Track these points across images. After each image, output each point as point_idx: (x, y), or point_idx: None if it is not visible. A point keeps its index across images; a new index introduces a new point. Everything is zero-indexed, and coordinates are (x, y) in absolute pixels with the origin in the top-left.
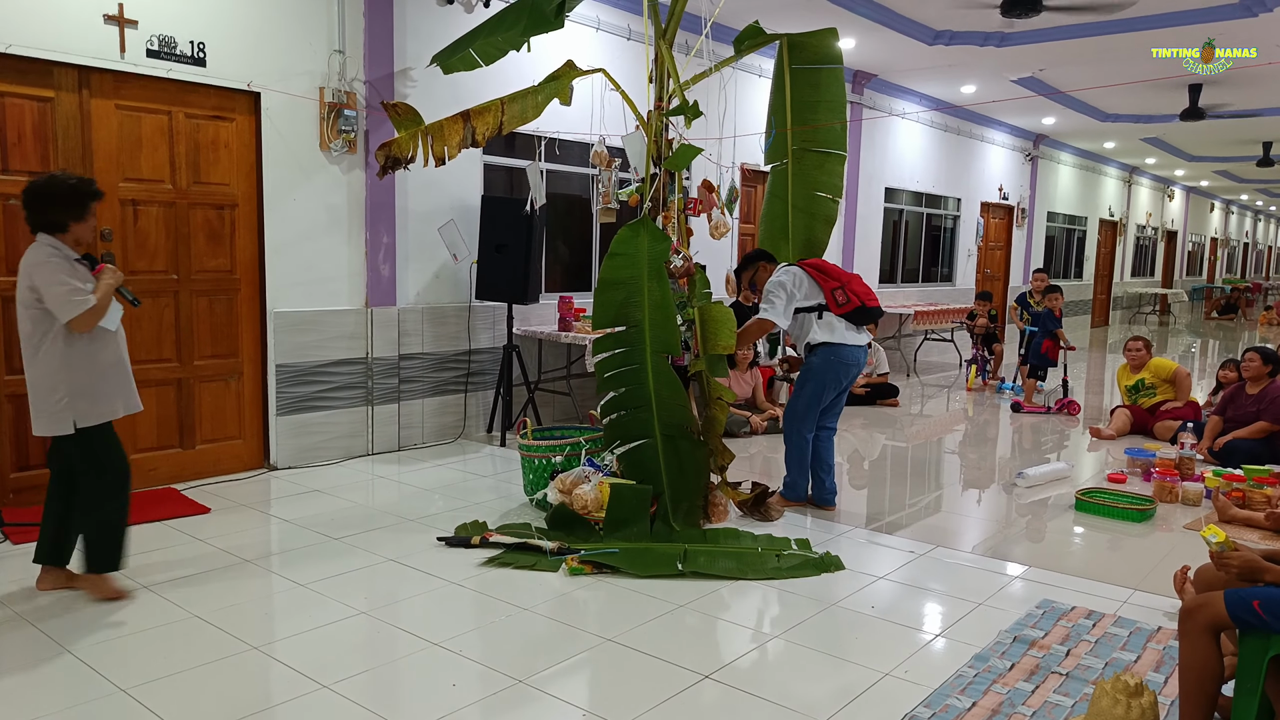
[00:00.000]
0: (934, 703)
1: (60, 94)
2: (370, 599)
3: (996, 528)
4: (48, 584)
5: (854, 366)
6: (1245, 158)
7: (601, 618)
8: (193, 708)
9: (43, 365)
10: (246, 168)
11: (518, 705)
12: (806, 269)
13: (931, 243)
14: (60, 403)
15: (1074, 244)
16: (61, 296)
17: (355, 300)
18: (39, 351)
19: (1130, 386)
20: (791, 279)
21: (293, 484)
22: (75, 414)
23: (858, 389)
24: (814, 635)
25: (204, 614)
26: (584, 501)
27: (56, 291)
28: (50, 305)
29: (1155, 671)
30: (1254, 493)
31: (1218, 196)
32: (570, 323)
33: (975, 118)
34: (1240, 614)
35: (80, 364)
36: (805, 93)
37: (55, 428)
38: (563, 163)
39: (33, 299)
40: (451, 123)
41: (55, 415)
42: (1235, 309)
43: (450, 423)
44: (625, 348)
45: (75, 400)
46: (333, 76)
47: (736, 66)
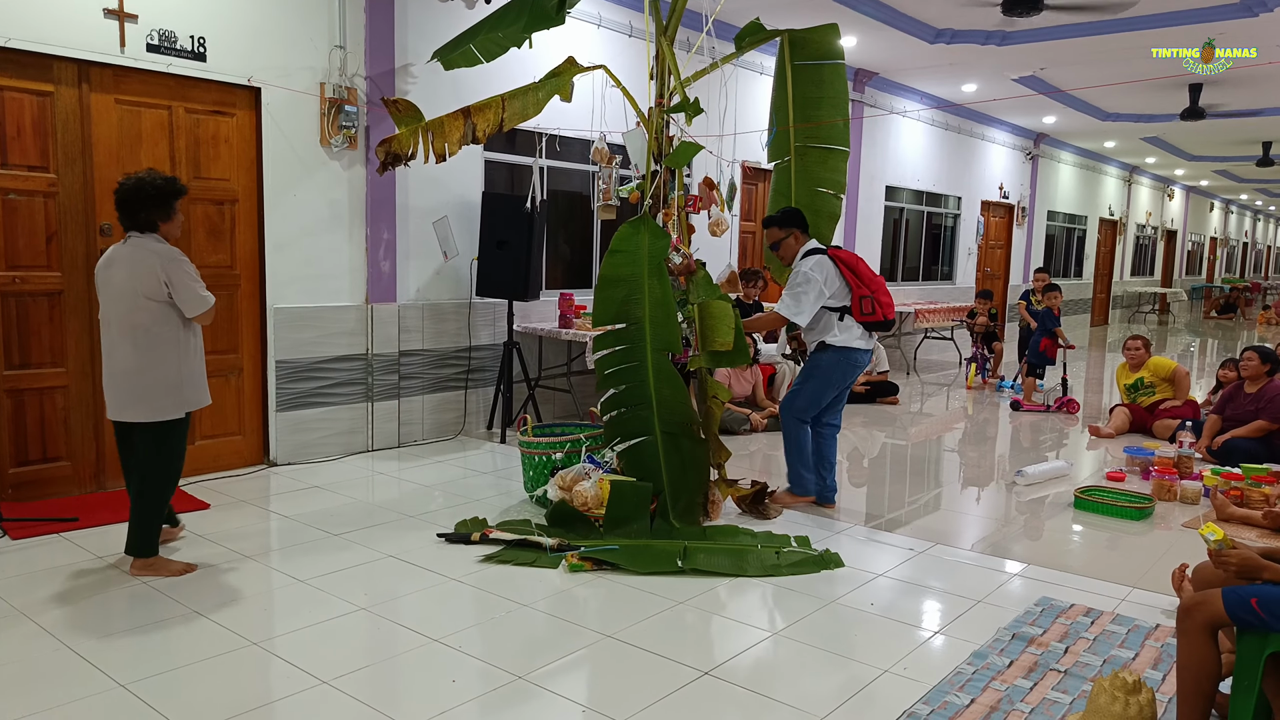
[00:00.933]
0: (933, 699)
1: (60, 88)
2: (370, 595)
3: (996, 526)
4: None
5: (860, 369)
6: (1245, 157)
7: (601, 614)
8: (192, 703)
9: (164, 355)
10: (247, 163)
11: (517, 702)
12: (839, 265)
13: (932, 241)
14: (177, 390)
15: (1074, 243)
16: (194, 293)
17: (356, 296)
18: (159, 342)
19: (1129, 385)
20: (824, 276)
21: (292, 480)
22: (186, 401)
23: (858, 387)
24: (813, 632)
25: (203, 609)
26: (584, 498)
27: (190, 288)
28: (181, 299)
29: (1153, 669)
30: (1252, 491)
31: (1217, 196)
32: (571, 320)
33: (976, 116)
34: (1238, 612)
35: (193, 354)
36: (807, 89)
37: (165, 413)
38: (563, 159)
39: (165, 293)
40: (452, 119)
41: (171, 401)
42: (1234, 308)
43: (450, 419)
44: (626, 345)
45: (188, 388)
46: (334, 72)
47: (737, 64)
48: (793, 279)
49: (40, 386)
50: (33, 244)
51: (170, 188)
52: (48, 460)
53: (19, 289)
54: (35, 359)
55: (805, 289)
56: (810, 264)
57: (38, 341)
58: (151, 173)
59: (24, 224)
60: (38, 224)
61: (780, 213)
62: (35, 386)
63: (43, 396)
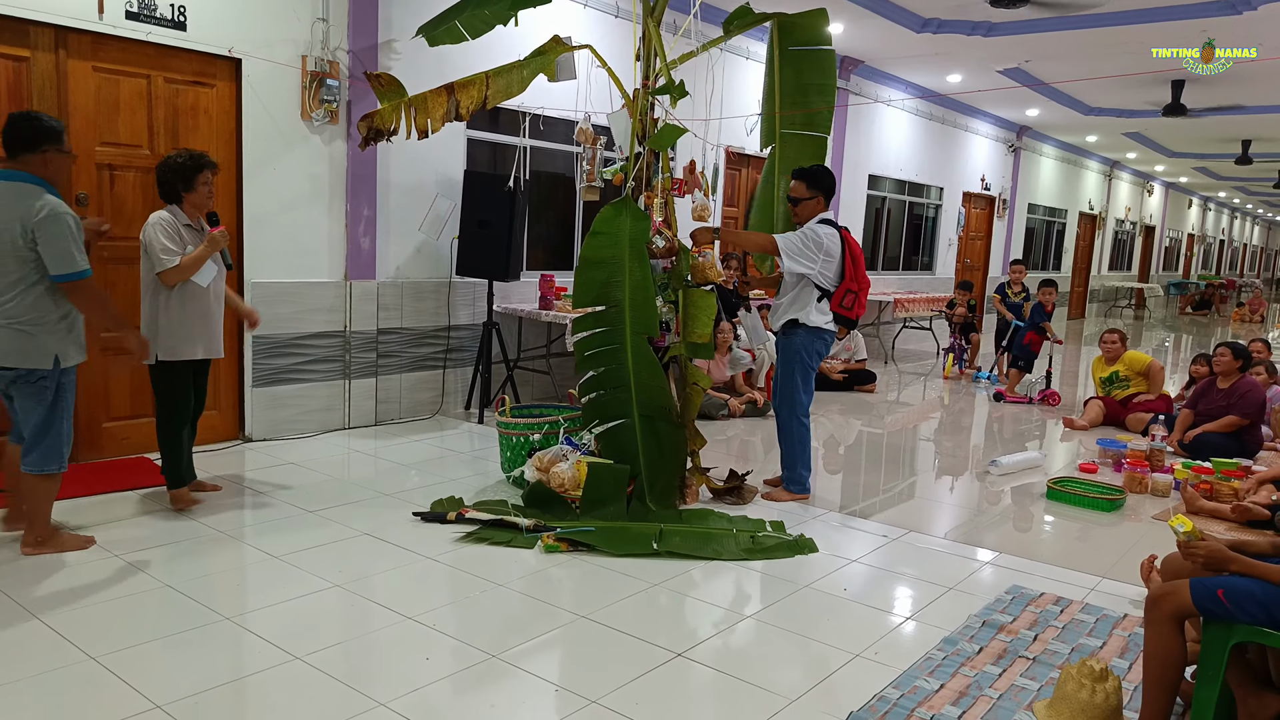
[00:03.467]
0: (903, 684)
1: (36, 54)
2: (344, 572)
3: (968, 514)
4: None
5: (829, 348)
6: (1224, 155)
7: (576, 595)
8: (164, 677)
9: (146, 306)
10: (226, 135)
11: (491, 680)
12: (846, 251)
13: (913, 231)
14: (151, 338)
15: (1053, 236)
16: (156, 254)
17: (335, 273)
18: (146, 294)
19: (1104, 379)
20: (832, 252)
21: (267, 456)
22: (159, 349)
23: (836, 375)
24: (787, 616)
25: (176, 584)
26: (561, 480)
27: (154, 250)
28: (151, 259)
29: (1120, 657)
30: (1222, 485)
31: (1196, 193)
32: (551, 301)
33: (960, 107)
34: (1205, 603)
35: (169, 309)
36: (796, 75)
37: (148, 358)
38: (547, 139)
39: (143, 253)
40: (435, 95)
41: (151, 348)
42: (1209, 305)
43: (428, 398)
44: (605, 327)
45: (162, 338)
46: (316, 45)
47: (724, 49)
48: (806, 232)
49: None
50: None
51: (192, 163)
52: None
53: None
54: None
55: (813, 250)
56: (827, 233)
57: None
58: (178, 152)
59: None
60: None
61: (814, 169)
62: None
63: None
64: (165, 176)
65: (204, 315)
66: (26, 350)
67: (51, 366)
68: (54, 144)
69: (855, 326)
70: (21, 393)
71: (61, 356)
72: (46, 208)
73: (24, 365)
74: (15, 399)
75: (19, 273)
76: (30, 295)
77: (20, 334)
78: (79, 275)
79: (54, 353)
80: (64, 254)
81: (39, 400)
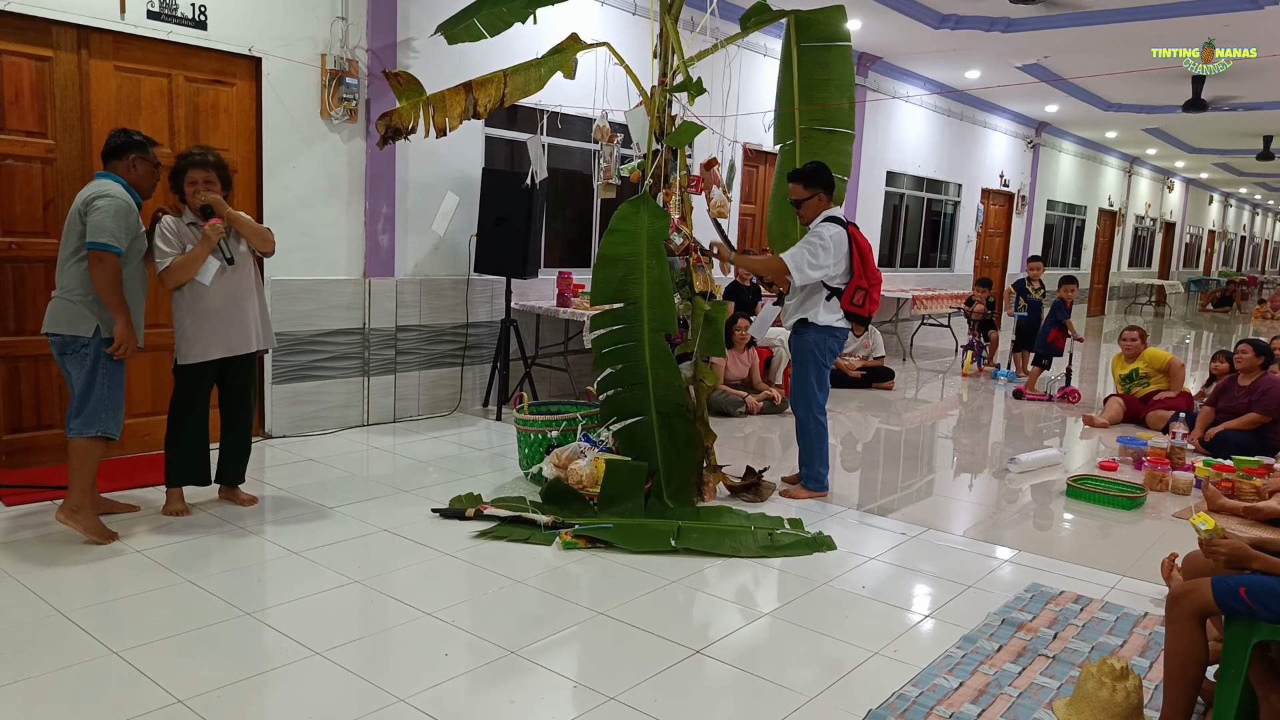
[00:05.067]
0: (922, 682)
1: (59, 53)
2: (364, 568)
3: (988, 512)
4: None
5: (842, 345)
6: (1245, 151)
7: (594, 591)
8: (185, 672)
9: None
10: (246, 133)
11: (509, 676)
12: (853, 248)
13: (931, 228)
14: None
15: (1073, 233)
16: (154, 257)
17: (353, 270)
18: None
19: (1124, 376)
20: (840, 252)
21: (287, 453)
22: (177, 353)
23: (854, 372)
24: (804, 613)
25: (197, 579)
26: (579, 477)
27: (153, 252)
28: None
29: (1141, 656)
30: (1243, 483)
31: (1217, 189)
32: (569, 298)
33: (978, 103)
34: (1227, 601)
35: (178, 311)
36: (814, 71)
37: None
38: (564, 137)
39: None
40: (453, 93)
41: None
42: (1230, 301)
43: (446, 395)
44: (623, 325)
45: (176, 340)
46: (335, 44)
47: (742, 45)
48: (811, 238)
49: (36, 354)
50: (30, 210)
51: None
52: (42, 427)
53: (15, 255)
54: (31, 326)
55: (822, 256)
56: (833, 233)
57: (33, 308)
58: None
59: (21, 190)
60: (35, 190)
61: (808, 167)
62: (31, 354)
63: (38, 364)
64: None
65: (213, 315)
66: (71, 318)
67: (91, 334)
68: (138, 152)
69: (869, 323)
70: (70, 362)
71: (102, 326)
72: (105, 192)
73: (69, 332)
74: (70, 370)
75: (74, 245)
76: (80, 268)
77: (68, 303)
78: (101, 247)
79: (95, 322)
80: (98, 226)
81: (81, 366)
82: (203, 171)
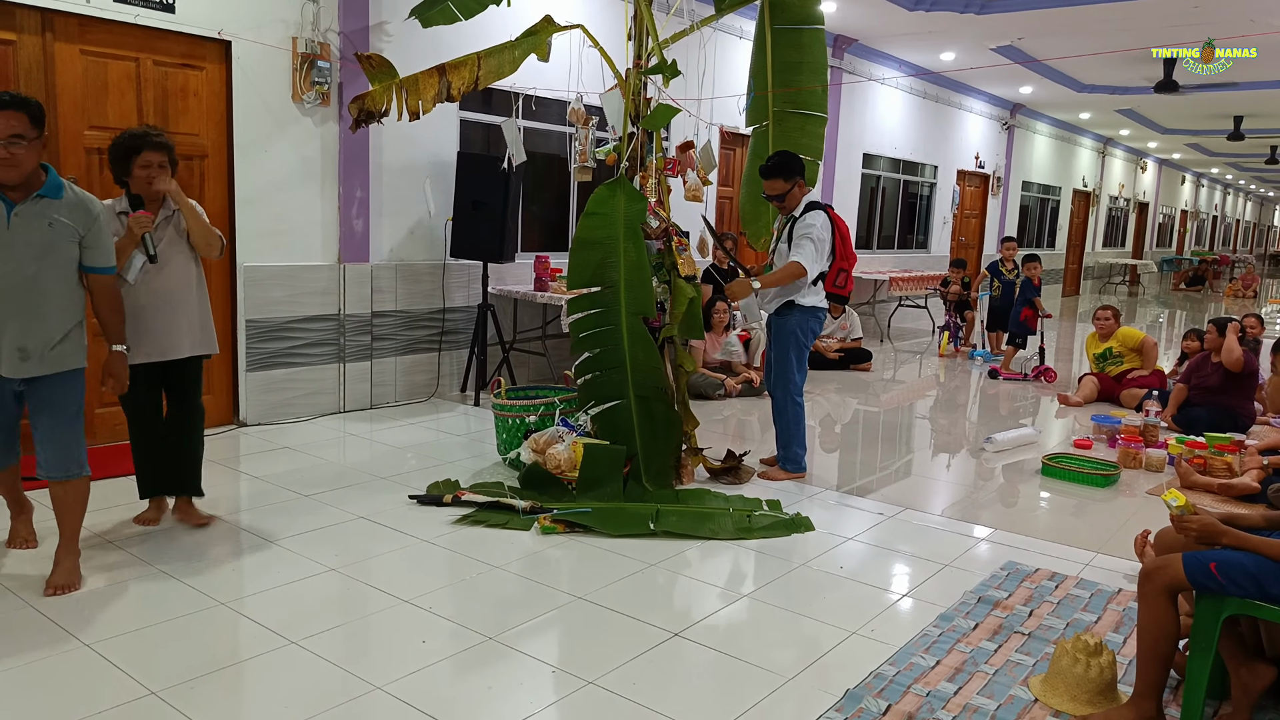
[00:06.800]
0: (899, 661)
1: (22, 36)
2: (341, 556)
3: (964, 491)
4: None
5: (822, 325)
6: (1217, 131)
7: (573, 576)
8: (160, 663)
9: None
10: (217, 118)
11: (489, 662)
12: (833, 232)
13: (908, 209)
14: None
15: (1048, 213)
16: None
17: (328, 255)
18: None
19: (1098, 355)
20: (826, 234)
21: (262, 441)
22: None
23: (831, 354)
24: (783, 594)
25: (171, 570)
26: (557, 461)
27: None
28: None
29: (1115, 632)
30: (1215, 460)
31: (1189, 169)
32: (546, 282)
33: (954, 85)
34: (1197, 576)
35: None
36: (787, 53)
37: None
38: (540, 120)
39: None
40: (426, 76)
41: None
42: (1202, 281)
43: (423, 381)
44: (601, 308)
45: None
46: (306, 26)
47: (716, 27)
48: (809, 231)
49: None
50: None
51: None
52: None
53: None
54: None
55: (816, 244)
56: (821, 222)
57: None
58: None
59: None
60: None
61: (778, 159)
62: None
63: None
64: (110, 159)
65: (137, 315)
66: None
67: None
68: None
69: (847, 302)
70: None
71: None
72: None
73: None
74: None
75: None
76: None
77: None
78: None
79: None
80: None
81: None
82: (159, 154)
